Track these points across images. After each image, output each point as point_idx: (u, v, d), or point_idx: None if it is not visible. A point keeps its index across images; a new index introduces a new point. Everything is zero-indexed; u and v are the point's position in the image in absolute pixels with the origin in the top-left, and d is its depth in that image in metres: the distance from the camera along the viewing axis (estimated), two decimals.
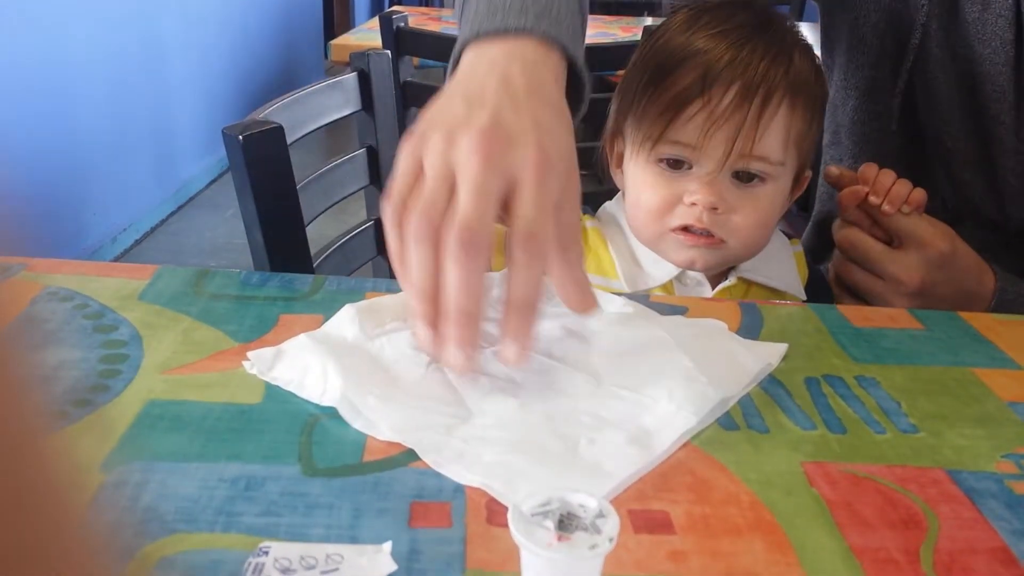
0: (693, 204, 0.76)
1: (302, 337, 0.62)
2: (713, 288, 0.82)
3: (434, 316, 0.53)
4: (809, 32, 0.87)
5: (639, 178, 0.80)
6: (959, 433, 0.59)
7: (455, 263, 0.51)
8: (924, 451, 0.56)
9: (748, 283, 0.83)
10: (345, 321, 0.63)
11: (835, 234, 0.85)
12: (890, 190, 0.81)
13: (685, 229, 0.78)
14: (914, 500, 0.52)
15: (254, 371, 0.60)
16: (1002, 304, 0.82)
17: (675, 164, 0.77)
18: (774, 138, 0.76)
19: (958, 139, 0.91)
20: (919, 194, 0.81)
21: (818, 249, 1.02)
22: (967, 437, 0.58)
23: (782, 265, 0.84)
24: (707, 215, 0.76)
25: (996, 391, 0.64)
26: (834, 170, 0.86)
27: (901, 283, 0.80)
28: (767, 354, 0.64)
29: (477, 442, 0.52)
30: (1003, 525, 0.50)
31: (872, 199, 0.82)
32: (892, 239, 0.82)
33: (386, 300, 0.66)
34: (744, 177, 0.77)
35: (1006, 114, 0.87)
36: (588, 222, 0.87)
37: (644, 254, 0.82)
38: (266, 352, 0.61)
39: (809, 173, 0.84)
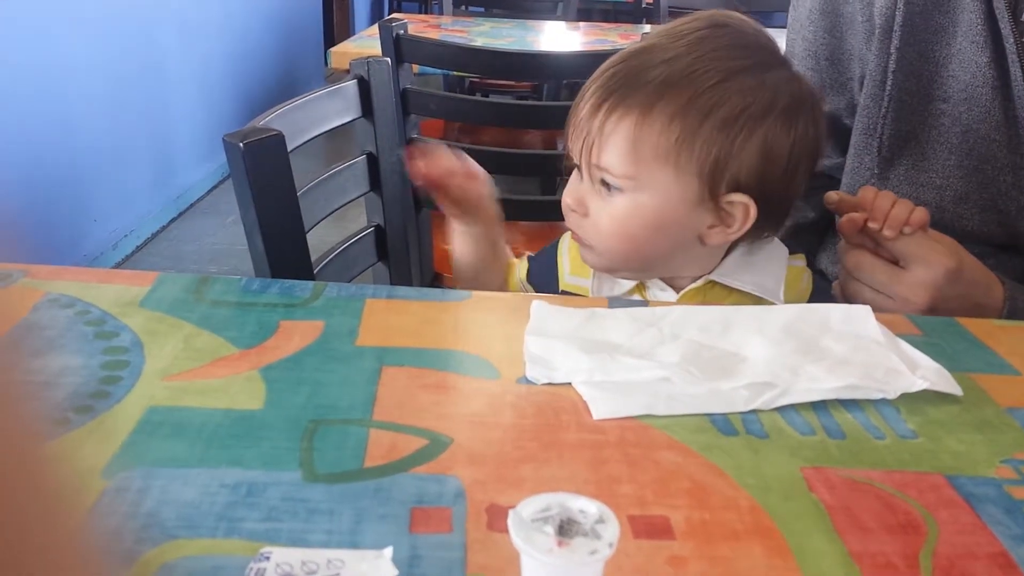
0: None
1: (532, 338, 0.67)
2: (682, 290, 0.82)
3: None
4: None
5: None
6: (958, 438, 0.59)
7: None
8: (923, 456, 0.57)
9: (714, 284, 0.82)
10: (553, 314, 0.70)
11: (841, 256, 0.85)
12: (889, 213, 0.80)
13: None
14: (913, 505, 0.52)
15: (544, 381, 0.62)
16: (1012, 314, 0.82)
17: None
18: (616, 151, 0.76)
19: (947, 174, 0.92)
20: (920, 214, 0.80)
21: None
22: (966, 443, 0.58)
23: (763, 271, 0.83)
24: (572, 217, 0.81)
25: (994, 397, 0.64)
26: (833, 196, 0.85)
27: (910, 302, 0.80)
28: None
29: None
30: (1002, 530, 0.50)
31: (871, 225, 0.80)
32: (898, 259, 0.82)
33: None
34: (605, 185, 0.79)
35: (996, 131, 0.89)
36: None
37: None
38: (537, 362, 0.64)
39: (746, 201, 0.76)
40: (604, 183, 0.78)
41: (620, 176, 0.76)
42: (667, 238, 0.79)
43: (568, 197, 0.81)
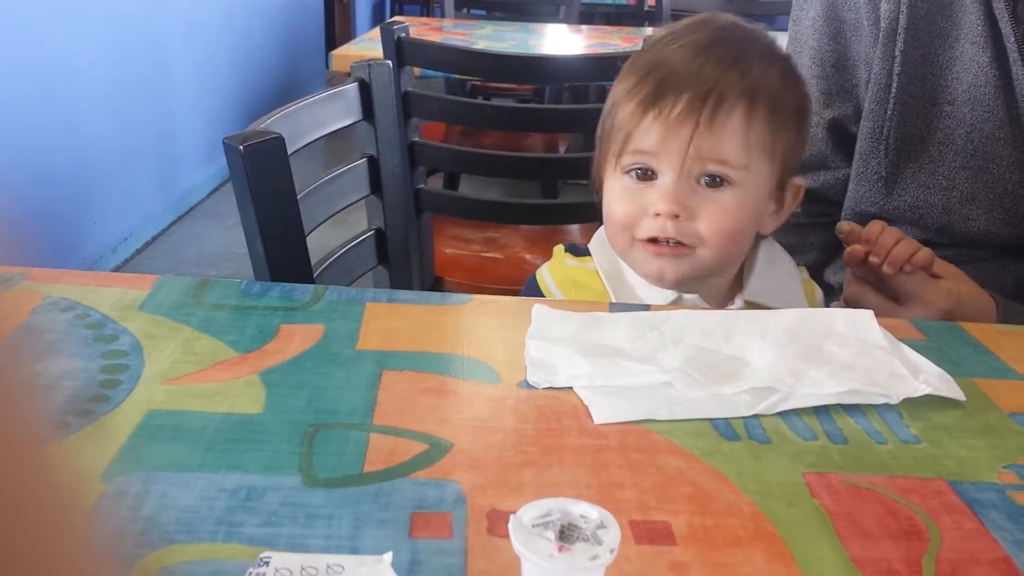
0: (657, 215, 0.77)
1: (533, 343, 0.67)
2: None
3: None
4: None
5: (610, 191, 0.81)
6: (960, 444, 0.59)
7: None
8: (925, 462, 0.56)
9: (753, 306, 0.83)
10: (553, 319, 0.70)
11: (844, 289, 0.87)
12: (892, 250, 0.82)
13: (654, 241, 0.78)
14: (915, 511, 0.51)
15: (545, 386, 0.62)
16: None
17: (643, 175, 0.78)
18: (731, 141, 0.76)
19: (953, 175, 0.93)
20: (923, 255, 0.81)
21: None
22: (968, 448, 0.58)
23: (790, 290, 0.84)
24: (671, 224, 0.76)
25: (997, 402, 0.64)
26: (844, 226, 0.87)
27: None
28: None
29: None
30: (1005, 536, 0.50)
31: (872, 259, 0.82)
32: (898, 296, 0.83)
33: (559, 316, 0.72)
34: (710, 181, 0.77)
35: (1000, 130, 0.90)
36: (569, 260, 0.87)
37: (637, 281, 0.83)
38: (538, 366, 0.64)
39: (801, 183, 0.82)
40: (710, 178, 0.76)
41: (738, 167, 0.76)
42: (753, 230, 0.81)
43: (670, 205, 0.76)
